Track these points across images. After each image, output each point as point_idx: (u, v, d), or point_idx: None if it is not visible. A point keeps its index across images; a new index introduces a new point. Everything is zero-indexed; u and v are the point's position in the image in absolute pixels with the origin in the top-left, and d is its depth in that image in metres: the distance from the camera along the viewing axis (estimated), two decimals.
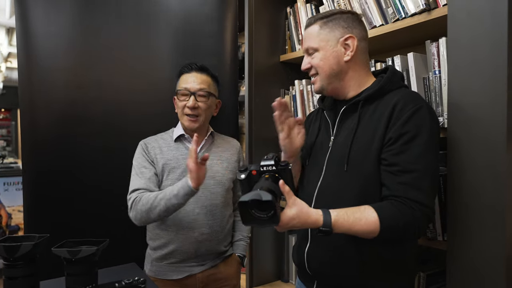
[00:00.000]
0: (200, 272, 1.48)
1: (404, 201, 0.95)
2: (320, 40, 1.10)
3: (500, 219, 1.01)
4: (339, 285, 1.08)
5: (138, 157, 1.50)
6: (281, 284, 2.05)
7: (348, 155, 1.05)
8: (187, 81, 1.48)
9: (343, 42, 1.09)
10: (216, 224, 1.48)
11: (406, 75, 1.38)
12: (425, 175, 0.96)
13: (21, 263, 1.07)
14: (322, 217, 0.94)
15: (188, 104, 1.46)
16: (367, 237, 0.97)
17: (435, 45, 1.27)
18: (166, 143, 1.53)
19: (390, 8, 1.41)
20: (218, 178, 1.50)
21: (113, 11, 1.76)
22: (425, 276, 1.40)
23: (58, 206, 1.67)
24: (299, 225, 0.94)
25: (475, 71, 1.06)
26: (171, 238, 1.44)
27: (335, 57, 1.10)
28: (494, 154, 1.02)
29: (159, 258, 1.47)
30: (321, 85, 1.14)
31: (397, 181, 0.97)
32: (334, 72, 1.11)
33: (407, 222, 0.94)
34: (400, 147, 0.98)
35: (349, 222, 0.95)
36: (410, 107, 0.99)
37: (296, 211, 0.93)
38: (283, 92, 2.04)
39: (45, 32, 1.68)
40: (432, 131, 0.99)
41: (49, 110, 1.68)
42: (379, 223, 0.94)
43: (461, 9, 1.10)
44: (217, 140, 1.59)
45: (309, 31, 1.14)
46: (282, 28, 2.05)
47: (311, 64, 1.14)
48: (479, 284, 1.06)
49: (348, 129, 1.09)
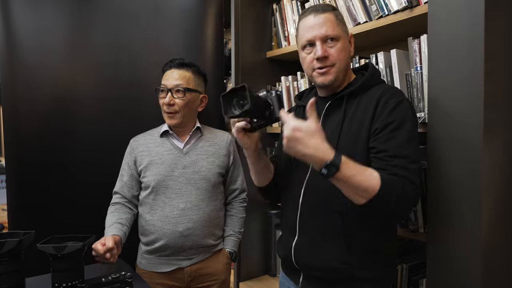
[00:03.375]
0: (188, 266, 1.49)
1: (398, 177, 0.96)
2: (340, 30, 1.10)
3: (476, 212, 1.05)
4: (325, 276, 1.10)
5: (125, 156, 1.57)
6: (269, 278, 2.08)
7: (336, 148, 1.06)
8: (166, 78, 1.50)
9: (351, 38, 1.14)
10: (202, 219, 1.49)
11: (389, 71, 1.41)
12: (413, 160, 1.00)
13: (6, 260, 1.06)
14: (333, 153, 0.91)
15: (164, 101, 1.47)
16: (358, 198, 0.95)
17: (417, 42, 1.30)
18: (152, 139, 1.55)
19: (374, 6, 1.44)
20: (203, 173, 1.51)
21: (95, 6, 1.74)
22: (408, 267, 1.44)
23: (43, 203, 1.66)
24: (306, 146, 0.89)
25: (454, 68, 1.10)
26: (159, 234, 1.46)
27: (348, 52, 1.12)
28: (471, 148, 1.05)
29: (149, 251, 1.49)
30: (336, 76, 1.10)
31: (389, 164, 0.98)
32: (346, 66, 1.12)
33: (401, 193, 0.95)
34: (388, 134, 1.01)
35: (356, 167, 0.93)
36: (393, 100, 1.04)
37: (306, 128, 0.90)
38: (270, 89, 2.05)
39: (29, 28, 1.66)
40: (413, 123, 1.04)
41: (32, 106, 1.67)
42: (380, 182, 0.93)
43: (440, 7, 1.13)
44: (205, 135, 1.59)
45: (327, 17, 1.08)
46: (269, 25, 2.06)
47: (328, 53, 1.08)
48: (457, 274, 1.10)
49: (334, 123, 1.11)
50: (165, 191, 1.47)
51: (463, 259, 1.08)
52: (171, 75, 1.49)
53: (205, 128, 1.61)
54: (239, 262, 2.02)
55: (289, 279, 1.23)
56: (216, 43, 1.89)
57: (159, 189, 1.47)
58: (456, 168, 1.09)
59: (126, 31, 1.78)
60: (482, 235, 1.04)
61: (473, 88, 1.05)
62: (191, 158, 1.51)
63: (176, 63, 1.51)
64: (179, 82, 1.48)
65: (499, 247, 1.12)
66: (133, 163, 1.52)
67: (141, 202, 1.51)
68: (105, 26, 1.76)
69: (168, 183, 1.47)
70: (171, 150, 1.51)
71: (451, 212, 1.11)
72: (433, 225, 1.16)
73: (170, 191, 1.47)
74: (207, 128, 1.63)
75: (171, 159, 1.49)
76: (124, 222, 1.42)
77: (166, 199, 1.47)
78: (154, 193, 1.47)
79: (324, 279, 1.10)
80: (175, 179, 1.48)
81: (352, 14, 1.53)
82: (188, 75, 1.50)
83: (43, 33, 1.68)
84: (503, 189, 1.12)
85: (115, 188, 1.54)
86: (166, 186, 1.47)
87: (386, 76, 1.41)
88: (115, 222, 1.41)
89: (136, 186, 1.53)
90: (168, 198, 1.47)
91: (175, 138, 1.54)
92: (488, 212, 1.06)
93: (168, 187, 1.47)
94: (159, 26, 1.81)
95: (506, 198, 1.13)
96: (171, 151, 1.51)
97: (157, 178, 1.46)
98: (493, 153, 1.08)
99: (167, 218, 1.46)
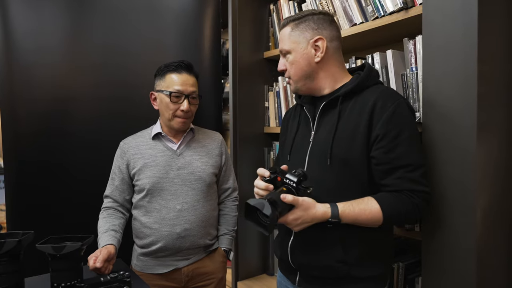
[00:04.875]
0: (185, 266, 1.49)
1: (402, 192, 1.03)
2: (292, 42, 1.13)
3: (470, 211, 1.06)
4: (322, 275, 1.12)
5: (116, 159, 1.54)
6: (266, 277, 2.09)
7: (331, 149, 1.08)
8: (179, 82, 1.45)
9: (313, 44, 1.12)
10: (198, 219, 1.49)
11: (385, 72, 1.42)
12: (415, 167, 1.03)
13: (5, 260, 1.06)
14: (330, 209, 1.02)
15: (182, 107, 1.45)
16: (372, 226, 1.05)
17: (412, 42, 1.32)
18: (144, 141, 1.53)
19: (370, 6, 1.45)
20: (198, 174, 1.51)
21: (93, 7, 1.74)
22: (404, 266, 1.45)
23: (41, 203, 1.67)
24: (309, 220, 1.01)
25: (448, 69, 1.11)
26: (155, 236, 1.45)
27: (306, 59, 1.13)
28: (465, 148, 1.07)
29: (145, 253, 1.49)
30: (295, 86, 1.18)
31: (392, 177, 1.03)
32: (305, 73, 1.14)
33: (408, 209, 1.02)
34: (388, 144, 1.03)
35: (355, 212, 1.02)
36: (389, 104, 1.04)
37: (301, 211, 1.00)
38: (267, 89, 2.06)
39: (27, 28, 1.66)
40: (412, 124, 1.06)
41: (30, 107, 1.67)
42: (382, 214, 1.02)
43: (435, 9, 1.14)
44: (198, 135, 1.59)
45: (282, 33, 1.17)
46: (266, 25, 2.07)
47: (285, 66, 1.17)
48: (452, 273, 1.12)
49: (329, 124, 1.12)
50: (161, 193, 1.46)
51: (458, 257, 1.10)
52: (186, 81, 1.46)
53: (196, 128, 1.60)
54: (236, 261, 2.03)
55: (286, 279, 1.24)
56: (213, 44, 1.89)
57: (154, 191, 1.46)
58: (450, 167, 1.10)
59: (124, 32, 1.78)
60: (476, 234, 1.06)
61: (467, 89, 1.06)
62: (185, 159, 1.51)
63: (185, 65, 1.48)
64: (194, 89, 1.48)
65: (493, 246, 1.13)
66: (125, 167, 1.50)
67: (136, 205, 1.50)
68: (102, 27, 1.76)
69: (163, 185, 1.46)
70: (165, 152, 1.50)
71: (446, 211, 1.12)
72: (428, 224, 1.18)
73: (165, 193, 1.46)
74: (198, 129, 1.62)
75: (165, 161, 1.48)
76: (117, 229, 1.43)
77: (162, 201, 1.46)
78: (149, 196, 1.46)
79: (320, 278, 1.12)
80: (170, 181, 1.47)
81: (348, 15, 1.54)
82: (195, 80, 1.51)
83: (41, 33, 1.68)
84: (497, 189, 1.13)
85: (106, 192, 1.53)
86: (161, 188, 1.46)
87: (382, 76, 1.42)
88: (109, 229, 1.40)
89: (127, 190, 1.52)
90: (164, 200, 1.46)
91: (168, 140, 1.53)
92: (482, 211, 1.07)
93: (163, 189, 1.46)
94: (157, 27, 1.81)
95: (500, 198, 1.14)
96: (165, 153, 1.50)
97: (152, 181, 1.45)
98: (487, 153, 1.09)
99: (164, 220, 1.45)
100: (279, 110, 1.98)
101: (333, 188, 1.08)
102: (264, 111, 2.08)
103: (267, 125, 2.07)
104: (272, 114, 2.04)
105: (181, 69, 1.48)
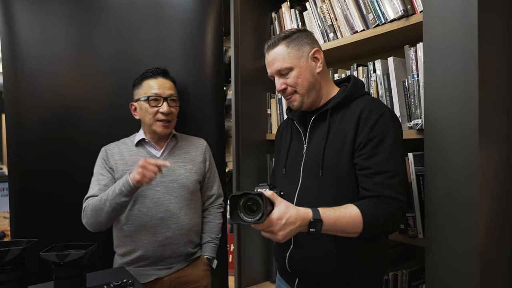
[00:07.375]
0: (167, 276, 1.46)
1: (380, 199, 1.04)
2: (292, 58, 1.14)
3: (472, 217, 1.06)
4: (319, 281, 1.15)
5: (98, 164, 1.51)
6: (269, 284, 2.08)
7: (322, 161, 1.12)
8: (156, 86, 1.47)
9: (312, 56, 1.16)
10: (181, 227, 1.46)
11: (387, 79, 1.43)
12: (395, 173, 1.05)
13: (10, 268, 1.07)
14: (311, 211, 1.00)
15: (162, 110, 1.44)
16: (351, 235, 1.03)
17: (413, 49, 1.32)
18: (127, 147, 1.52)
19: (371, 14, 1.46)
20: (181, 181, 1.49)
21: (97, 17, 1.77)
22: (407, 273, 1.45)
23: (45, 211, 1.67)
24: (293, 220, 0.96)
25: (449, 75, 1.12)
26: (136, 244, 1.43)
27: (310, 71, 1.16)
28: (467, 154, 1.07)
29: (126, 263, 1.46)
30: (301, 100, 1.17)
31: (372, 182, 1.05)
32: (311, 85, 1.16)
33: (385, 216, 1.02)
34: (370, 151, 1.06)
35: (335, 214, 1.01)
36: (374, 113, 1.08)
37: (284, 207, 0.97)
38: (269, 96, 2.07)
39: (32, 37, 1.69)
40: (395, 134, 1.08)
41: (35, 115, 1.69)
42: (362, 218, 1.01)
43: (435, 16, 1.15)
44: (181, 142, 1.57)
45: (276, 52, 1.15)
46: (268, 33, 2.09)
47: (286, 84, 1.16)
48: (455, 279, 1.11)
49: (319, 136, 1.16)
50: (143, 201, 1.43)
51: (461, 264, 1.10)
52: (163, 84, 1.48)
53: (179, 135, 1.59)
54: (239, 268, 2.03)
55: (284, 282, 1.28)
56: (216, 51, 1.91)
57: (137, 199, 1.43)
58: (452, 174, 1.11)
59: (128, 40, 1.80)
60: (479, 240, 1.06)
61: (468, 95, 1.07)
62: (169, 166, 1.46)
63: (161, 71, 1.51)
64: (172, 92, 1.49)
65: (496, 252, 1.13)
66: (111, 169, 1.47)
67: None
68: (106, 36, 1.78)
69: (145, 192, 1.43)
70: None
71: (449, 218, 1.12)
72: (431, 230, 1.17)
73: (148, 200, 1.44)
74: (182, 135, 1.61)
75: None
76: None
77: (144, 209, 1.43)
78: (131, 203, 1.42)
79: (318, 283, 1.16)
80: (153, 188, 1.44)
81: (349, 23, 1.55)
82: (172, 84, 1.52)
83: (45, 42, 1.71)
84: (499, 194, 1.13)
85: (90, 193, 1.43)
86: (144, 196, 1.43)
87: (383, 83, 1.43)
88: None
89: None
90: (146, 208, 1.43)
91: (152, 147, 1.52)
92: (484, 217, 1.07)
93: (146, 197, 1.44)
94: (160, 36, 1.83)
95: (501, 204, 1.14)
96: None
97: None
98: (489, 159, 1.09)
99: (144, 228, 1.43)
100: (281, 117, 1.99)
101: (328, 198, 1.10)
102: (266, 118, 2.08)
103: (269, 132, 2.08)
104: (274, 121, 2.04)
105: (156, 75, 1.50)
